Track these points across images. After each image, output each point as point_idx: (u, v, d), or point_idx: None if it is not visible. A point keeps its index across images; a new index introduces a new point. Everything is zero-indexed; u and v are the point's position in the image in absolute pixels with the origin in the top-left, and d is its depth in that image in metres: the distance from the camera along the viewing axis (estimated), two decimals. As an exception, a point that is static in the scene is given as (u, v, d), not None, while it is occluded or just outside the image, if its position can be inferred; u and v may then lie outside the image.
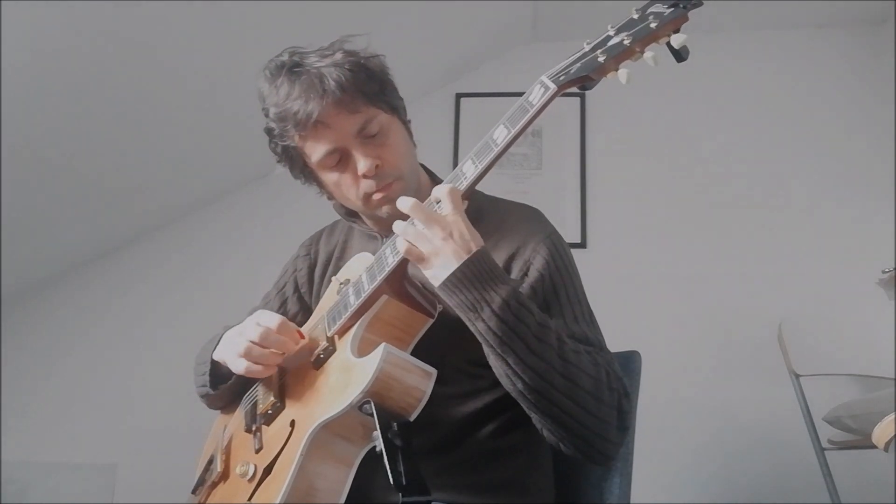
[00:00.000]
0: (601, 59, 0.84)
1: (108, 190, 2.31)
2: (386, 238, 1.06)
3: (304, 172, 1.12)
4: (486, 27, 2.61)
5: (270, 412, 1.01)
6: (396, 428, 0.83)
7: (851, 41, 2.63)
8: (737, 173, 2.56)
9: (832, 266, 2.36)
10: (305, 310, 1.24)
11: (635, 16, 0.85)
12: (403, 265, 0.95)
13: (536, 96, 0.86)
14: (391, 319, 0.97)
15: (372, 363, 0.85)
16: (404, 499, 0.76)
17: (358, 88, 1.02)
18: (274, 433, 0.98)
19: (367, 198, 1.06)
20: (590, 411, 0.91)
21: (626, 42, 0.83)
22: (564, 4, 2.53)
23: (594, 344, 1.00)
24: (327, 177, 1.08)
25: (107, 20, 1.74)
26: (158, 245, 2.63)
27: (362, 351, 0.91)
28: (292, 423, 0.95)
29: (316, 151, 1.05)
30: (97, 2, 1.68)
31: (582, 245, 2.52)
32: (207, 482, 1.07)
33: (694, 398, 2.30)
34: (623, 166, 2.62)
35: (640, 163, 2.61)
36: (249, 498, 0.93)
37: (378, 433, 0.81)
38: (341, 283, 1.08)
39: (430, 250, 0.88)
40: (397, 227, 0.92)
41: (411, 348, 0.96)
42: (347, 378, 0.89)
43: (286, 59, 1.05)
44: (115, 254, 2.60)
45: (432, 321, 0.98)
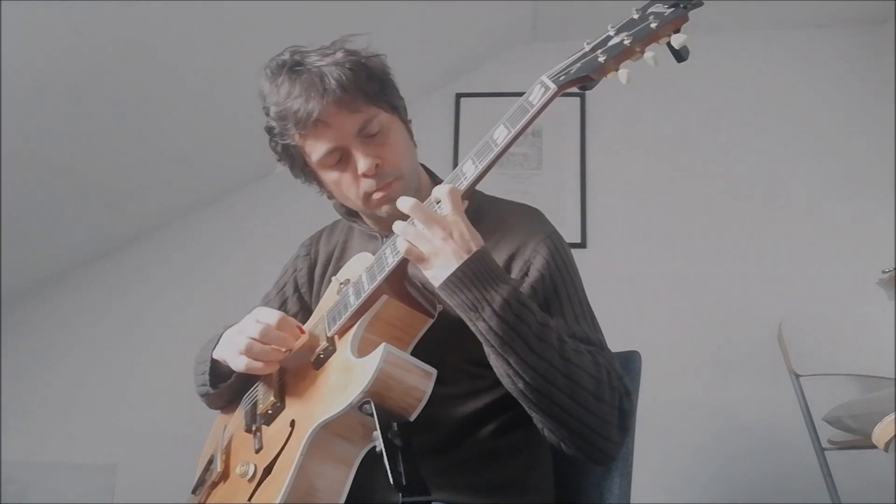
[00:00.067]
0: (601, 59, 0.84)
1: (108, 190, 2.31)
2: (386, 238, 1.06)
3: (305, 171, 1.12)
4: (486, 27, 2.60)
5: (270, 412, 1.01)
6: (396, 428, 0.82)
7: (851, 41, 2.63)
8: (737, 173, 2.56)
9: (832, 266, 2.36)
10: (305, 309, 1.24)
11: (635, 16, 0.85)
12: (403, 265, 0.95)
13: (536, 96, 0.86)
14: (391, 319, 0.97)
15: (372, 363, 0.85)
16: (404, 499, 0.76)
17: (358, 88, 1.02)
18: (274, 433, 0.98)
19: (367, 197, 1.06)
20: (591, 411, 0.91)
21: (627, 42, 0.83)
22: (564, 4, 2.53)
23: (595, 343, 1.00)
24: (327, 176, 1.08)
25: (107, 20, 1.74)
26: (158, 245, 2.63)
27: (362, 351, 0.91)
28: (292, 423, 0.95)
29: (316, 150, 1.05)
30: (97, 2, 1.68)
31: (582, 245, 2.52)
32: (207, 482, 1.07)
33: (694, 398, 2.30)
34: (623, 166, 2.62)
35: (640, 163, 2.61)
36: (249, 498, 0.93)
37: (378, 433, 0.81)
38: (341, 283, 1.08)
39: (430, 250, 0.88)
40: (397, 227, 0.92)
41: (411, 348, 0.96)
42: (347, 378, 0.89)
43: (287, 58, 1.05)
44: (115, 254, 2.60)
45: (432, 321, 0.98)
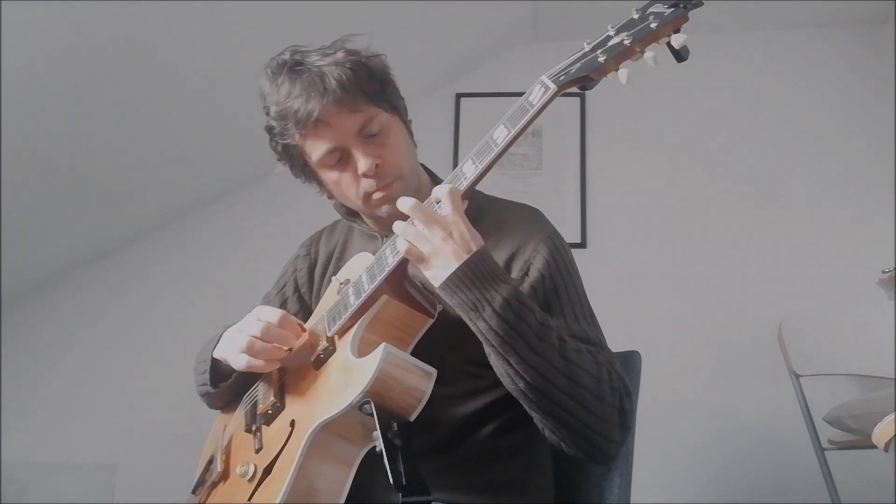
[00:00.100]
0: (601, 59, 0.83)
1: (108, 190, 2.31)
2: (386, 238, 1.06)
3: (305, 171, 1.12)
4: (486, 27, 2.60)
5: (270, 412, 1.01)
6: (396, 428, 0.82)
7: (851, 41, 2.63)
8: (737, 173, 2.55)
9: (832, 266, 2.36)
10: (305, 309, 1.24)
11: (635, 16, 0.85)
12: (403, 265, 0.95)
13: (536, 96, 0.86)
14: (391, 319, 0.97)
15: (372, 363, 0.85)
16: (404, 499, 0.76)
17: (359, 87, 1.02)
18: (274, 433, 0.98)
19: (367, 197, 1.06)
20: (592, 410, 0.91)
21: (627, 42, 0.83)
22: (564, 4, 2.53)
23: (595, 343, 1.00)
24: (327, 176, 1.08)
25: (107, 20, 1.74)
26: (158, 245, 2.63)
27: (362, 351, 0.91)
28: (292, 423, 0.95)
29: (316, 150, 1.05)
30: (97, 2, 1.68)
31: (582, 245, 2.52)
32: (207, 482, 1.07)
33: (694, 398, 2.30)
34: (623, 166, 2.62)
35: (640, 163, 2.61)
36: (249, 498, 0.93)
37: (378, 433, 0.81)
38: (341, 283, 1.08)
39: (430, 250, 0.88)
40: (397, 227, 0.92)
41: (411, 348, 0.96)
42: (347, 378, 0.89)
43: (287, 58, 1.05)
44: (115, 254, 2.60)
45: (432, 321, 0.98)
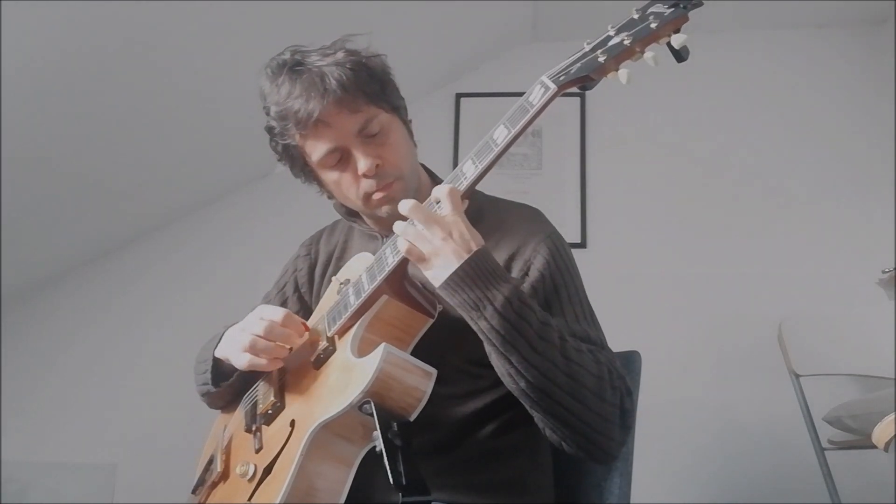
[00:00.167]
0: (601, 59, 0.84)
1: (108, 190, 2.31)
2: (386, 238, 1.06)
3: (305, 171, 1.12)
4: (486, 27, 2.60)
5: (270, 412, 1.01)
6: (396, 428, 0.82)
7: (851, 41, 2.63)
8: (737, 173, 2.55)
9: (832, 266, 2.36)
10: (306, 309, 1.24)
11: (635, 16, 0.85)
12: (403, 265, 0.95)
13: (536, 96, 0.86)
14: (391, 319, 0.97)
15: (372, 363, 0.85)
16: (404, 499, 0.76)
17: (359, 88, 1.02)
18: (274, 433, 0.98)
19: (368, 197, 1.06)
20: (593, 409, 0.91)
21: (627, 42, 0.83)
22: (564, 4, 2.53)
23: (596, 342, 1.00)
24: (328, 176, 1.08)
25: (107, 20, 1.74)
26: (158, 245, 2.63)
27: (362, 351, 0.91)
28: (292, 423, 0.95)
29: (316, 150, 1.05)
30: (97, 2, 1.68)
31: (582, 245, 2.52)
32: (207, 482, 1.07)
33: (694, 398, 2.30)
34: (623, 166, 2.61)
35: (641, 163, 2.60)
36: (249, 498, 0.92)
37: (378, 433, 0.81)
38: (341, 283, 1.08)
39: (431, 250, 0.88)
40: (397, 228, 0.92)
41: (411, 348, 0.96)
42: (347, 378, 0.89)
43: (287, 58, 1.05)
44: (115, 254, 2.60)
45: (432, 321, 0.98)
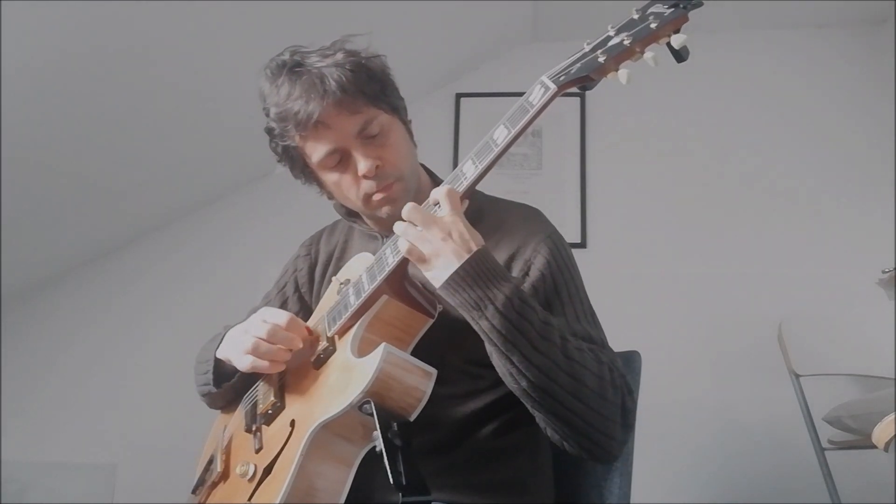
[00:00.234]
0: (601, 60, 0.84)
1: (108, 190, 2.31)
2: (386, 238, 1.06)
3: (305, 172, 1.12)
4: (486, 27, 2.60)
5: (270, 412, 1.01)
6: (396, 428, 0.82)
7: (851, 41, 2.63)
8: (737, 173, 2.55)
9: (832, 266, 2.36)
10: (306, 309, 1.24)
11: (635, 16, 0.85)
12: (403, 265, 0.95)
13: (536, 96, 0.86)
14: (391, 319, 0.97)
15: (372, 363, 0.85)
16: (404, 499, 0.76)
17: (359, 89, 1.02)
18: (274, 433, 0.98)
19: (368, 198, 1.06)
20: (594, 409, 0.91)
21: (627, 42, 0.83)
22: (564, 4, 2.53)
23: (597, 342, 1.00)
24: (328, 177, 1.08)
25: (106, 20, 1.74)
26: (158, 245, 2.63)
27: (362, 351, 0.91)
28: (292, 423, 0.95)
29: (316, 152, 1.05)
30: (97, 2, 1.68)
31: (582, 245, 2.52)
32: (207, 482, 1.07)
33: (694, 398, 2.30)
34: (623, 166, 2.61)
35: (641, 163, 2.60)
36: (249, 498, 0.93)
37: (378, 433, 0.81)
38: (341, 283, 1.08)
39: (431, 251, 0.88)
40: (398, 228, 0.92)
41: (411, 348, 0.96)
42: (347, 378, 0.89)
43: (287, 59, 1.05)
44: (115, 254, 2.60)
45: (432, 321, 0.98)
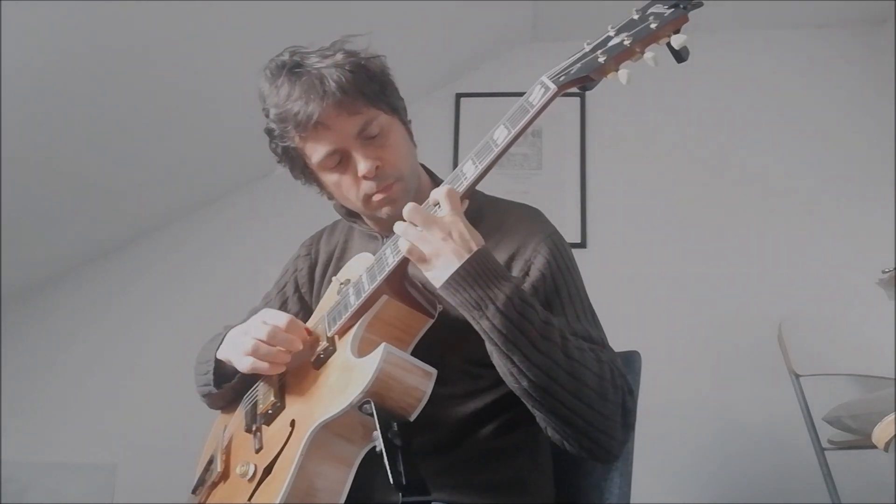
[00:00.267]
0: (601, 60, 0.84)
1: (108, 190, 2.31)
2: (386, 238, 1.06)
3: (305, 173, 1.12)
4: (486, 27, 2.60)
5: (270, 412, 1.01)
6: (396, 428, 0.82)
7: (851, 41, 2.63)
8: (737, 173, 2.55)
9: (832, 266, 2.36)
10: (306, 309, 1.24)
11: (635, 16, 0.85)
12: (404, 265, 0.95)
13: (537, 97, 0.86)
14: (391, 319, 0.97)
15: (372, 363, 0.85)
16: (404, 499, 0.76)
17: (358, 90, 1.02)
18: (274, 433, 0.98)
19: (368, 199, 1.06)
20: (595, 408, 0.91)
21: (627, 42, 0.83)
22: (564, 4, 2.53)
23: (597, 341, 1.00)
24: (328, 178, 1.08)
25: (107, 20, 1.74)
26: (158, 245, 2.63)
27: (362, 351, 0.91)
28: (292, 423, 0.95)
29: (316, 152, 1.05)
30: (96, 3, 1.68)
31: (582, 245, 2.52)
32: (207, 482, 1.07)
33: (694, 398, 2.30)
34: (623, 166, 2.61)
35: (640, 163, 2.60)
36: (249, 498, 0.93)
37: (378, 433, 0.81)
38: (341, 283, 1.08)
39: (431, 251, 0.88)
40: (398, 228, 0.92)
41: (411, 348, 0.96)
42: (347, 378, 0.89)
43: (287, 59, 1.05)
44: (115, 254, 2.60)
45: (432, 321, 0.98)
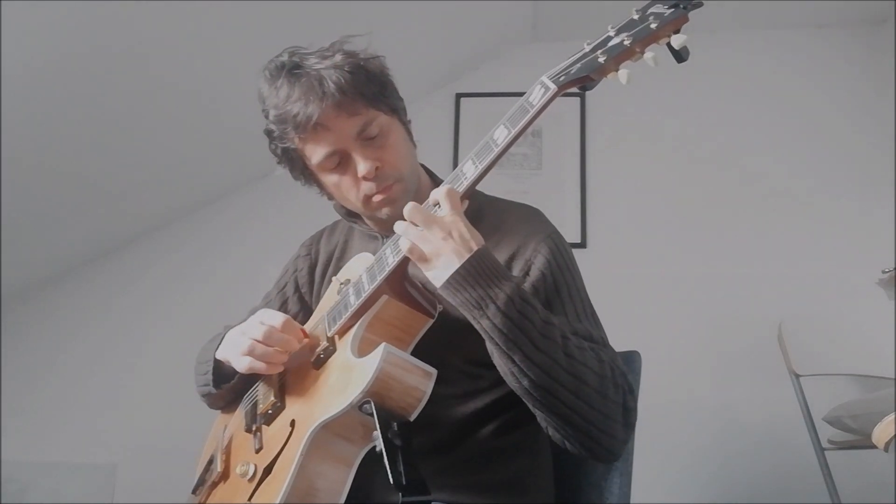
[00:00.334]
0: (601, 60, 0.84)
1: (108, 190, 2.31)
2: (386, 238, 1.06)
3: (305, 174, 1.12)
4: (486, 27, 2.60)
5: (270, 412, 1.01)
6: (396, 428, 0.82)
7: (851, 41, 2.63)
8: (737, 173, 2.55)
9: (832, 266, 2.36)
10: (306, 309, 1.24)
11: (635, 16, 0.85)
12: (404, 265, 0.95)
13: (536, 97, 0.86)
14: (391, 319, 0.97)
15: (372, 363, 0.85)
16: (404, 499, 0.76)
17: (357, 90, 1.02)
18: (274, 433, 0.98)
19: (368, 199, 1.06)
20: (596, 408, 0.91)
21: (627, 42, 0.83)
22: (564, 4, 2.53)
23: (598, 341, 1.00)
24: (327, 178, 1.08)
25: (107, 21, 1.74)
26: (158, 245, 2.63)
27: (362, 351, 0.91)
28: (292, 423, 0.95)
29: (316, 153, 1.05)
30: (96, 3, 1.68)
31: (582, 245, 2.52)
32: (207, 482, 1.07)
33: (694, 398, 2.30)
34: (623, 166, 2.61)
35: (640, 163, 2.61)
36: (249, 498, 0.93)
37: (378, 433, 0.81)
38: (341, 283, 1.08)
39: (432, 251, 0.88)
40: (399, 227, 0.92)
41: (411, 348, 0.96)
42: (347, 378, 0.89)
43: (286, 60, 1.05)
44: (115, 254, 2.60)
45: (432, 321, 0.98)
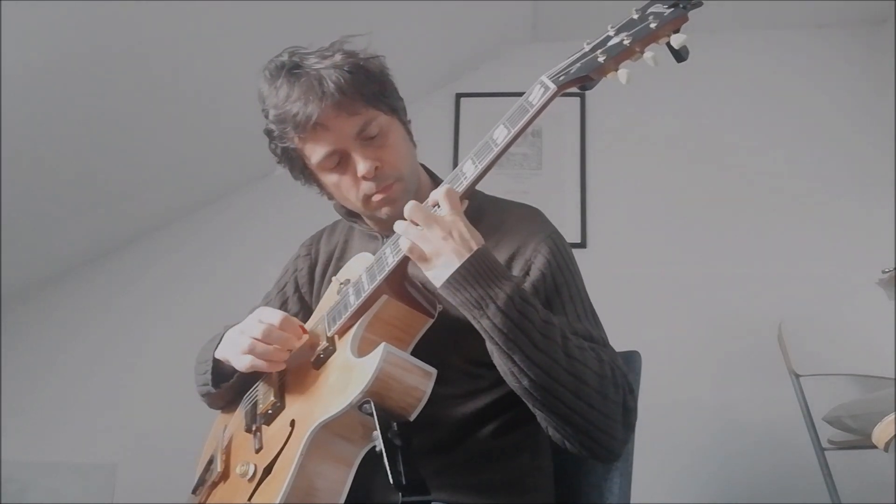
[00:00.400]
0: (601, 60, 0.84)
1: (108, 190, 2.31)
2: (386, 238, 1.06)
3: (305, 174, 1.12)
4: (486, 27, 2.60)
5: (270, 412, 1.02)
6: (396, 428, 0.82)
7: (851, 41, 2.63)
8: (737, 173, 2.55)
9: (832, 266, 2.36)
10: (306, 309, 1.24)
11: (635, 16, 0.85)
12: (404, 265, 0.95)
13: (536, 96, 0.86)
14: (391, 319, 0.97)
15: (372, 363, 0.85)
16: (404, 499, 0.76)
17: (357, 90, 1.02)
18: (274, 433, 0.98)
19: (367, 199, 1.06)
20: (596, 408, 0.91)
21: (626, 42, 0.83)
22: (564, 4, 2.53)
23: (598, 341, 1.00)
24: (327, 178, 1.08)
25: (107, 20, 1.74)
26: (158, 245, 2.63)
27: (362, 351, 0.91)
28: (292, 423, 0.95)
29: (315, 153, 1.05)
30: (96, 3, 1.68)
31: (582, 245, 2.52)
32: (207, 482, 1.07)
33: (694, 398, 2.30)
34: (623, 166, 2.61)
35: (641, 163, 2.61)
36: (249, 498, 0.93)
37: (378, 433, 0.81)
38: (341, 283, 1.08)
39: (432, 250, 0.88)
40: (399, 227, 0.92)
41: (411, 348, 0.96)
42: (347, 378, 0.89)
43: (286, 60, 1.05)
44: (115, 254, 2.60)
45: (432, 321, 0.98)
